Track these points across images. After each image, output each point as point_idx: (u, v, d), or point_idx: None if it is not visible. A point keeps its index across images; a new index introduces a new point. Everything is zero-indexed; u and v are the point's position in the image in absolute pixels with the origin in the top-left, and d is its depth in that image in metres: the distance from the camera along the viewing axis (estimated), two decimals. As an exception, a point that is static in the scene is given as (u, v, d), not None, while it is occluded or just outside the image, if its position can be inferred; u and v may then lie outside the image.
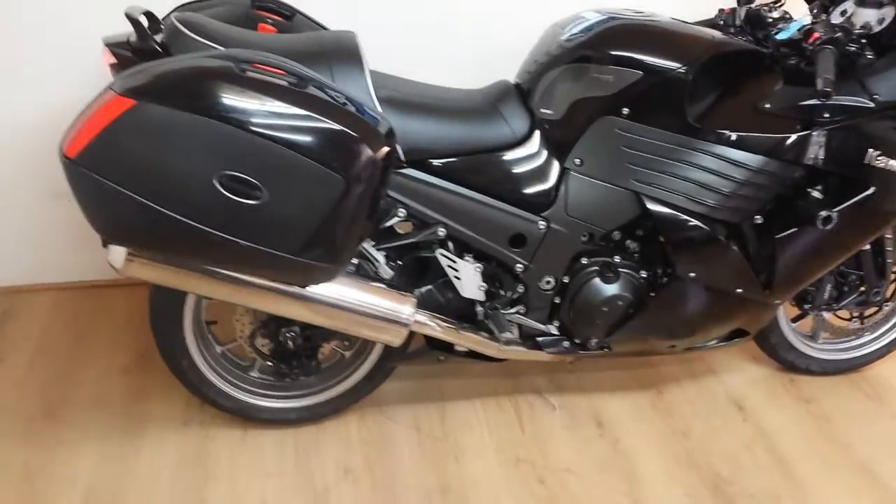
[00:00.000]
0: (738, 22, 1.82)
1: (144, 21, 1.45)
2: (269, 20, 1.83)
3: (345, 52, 1.51)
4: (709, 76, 1.59)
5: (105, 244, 1.59)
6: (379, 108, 1.50)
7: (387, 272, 1.64)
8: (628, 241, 1.76)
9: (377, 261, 1.63)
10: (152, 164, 1.19)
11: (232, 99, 1.19)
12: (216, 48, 1.43)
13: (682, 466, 1.84)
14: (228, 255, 1.29)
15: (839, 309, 2.03)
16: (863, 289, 1.98)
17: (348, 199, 1.28)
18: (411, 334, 1.69)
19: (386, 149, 1.31)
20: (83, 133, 1.16)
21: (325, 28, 1.95)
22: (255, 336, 1.74)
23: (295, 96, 1.23)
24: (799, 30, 1.66)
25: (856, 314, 2.10)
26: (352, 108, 1.31)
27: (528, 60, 1.74)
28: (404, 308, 1.59)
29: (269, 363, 1.76)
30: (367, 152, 1.27)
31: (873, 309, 2.07)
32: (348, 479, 1.76)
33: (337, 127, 1.25)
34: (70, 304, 2.29)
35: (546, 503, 1.73)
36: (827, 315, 2.08)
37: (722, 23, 1.84)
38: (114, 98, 1.16)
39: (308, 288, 1.49)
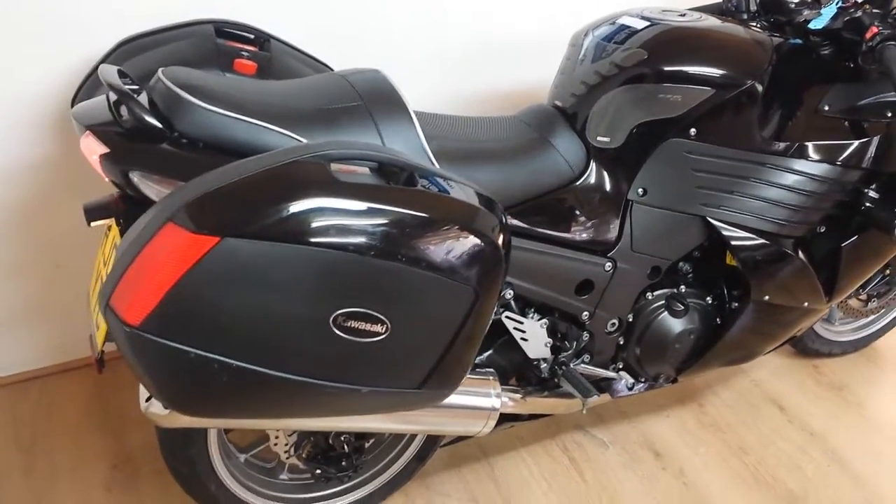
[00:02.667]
0: (752, 7, 1.67)
1: (128, 85, 1.11)
2: (244, 52, 1.50)
3: (386, 101, 1.23)
4: (771, 84, 1.45)
5: (100, 367, 1.25)
6: (436, 165, 1.24)
7: None
8: (681, 264, 1.62)
9: None
10: (249, 317, 0.89)
11: (341, 216, 0.90)
12: (228, 115, 1.11)
13: (752, 488, 1.76)
14: (339, 406, 1.02)
15: (864, 293, 2.00)
16: (888, 272, 1.96)
17: (479, 309, 1.03)
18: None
19: (504, 234, 1.07)
20: (147, 287, 0.84)
21: (306, 54, 1.64)
22: (301, 448, 1.45)
23: (407, 199, 0.96)
24: (833, 17, 1.54)
25: (874, 294, 2.08)
26: (460, 194, 1.05)
27: (567, 78, 1.51)
28: (490, 391, 1.37)
29: (317, 471, 1.48)
30: (490, 247, 1.02)
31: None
32: (420, 579, 1.54)
33: (457, 227, 0.99)
34: (7, 405, 1.87)
35: (639, 562, 1.59)
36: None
37: (733, 8, 1.69)
38: (185, 235, 0.84)
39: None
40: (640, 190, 1.45)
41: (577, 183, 1.43)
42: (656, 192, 1.46)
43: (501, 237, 1.05)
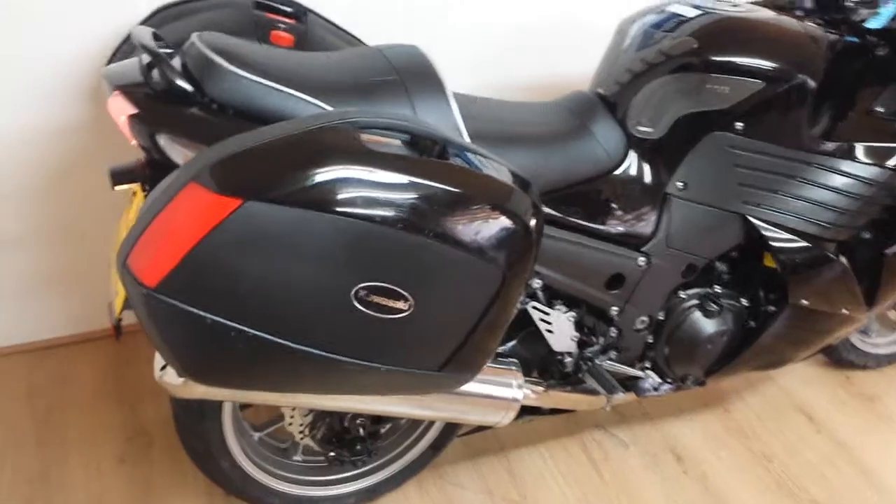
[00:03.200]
0: (808, 3, 1.61)
1: (161, 48, 1.08)
2: (280, 25, 1.47)
3: (422, 76, 1.19)
4: (824, 81, 1.38)
5: (117, 334, 1.23)
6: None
7: None
8: (717, 263, 1.56)
9: None
10: (268, 285, 0.85)
11: (368, 186, 0.86)
12: (260, 82, 1.07)
13: (776, 496, 1.70)
14: (356, 384, 0.98)
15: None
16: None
17: (506, 293, 0.99)
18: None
19: (537, 218, 1.02)
20: (166, 248, 0.81)
21: (341, 29, 1.60)
22: (316, 428, 1.42)
23: (439, 172, 0.92)
24: (892, 18, 1.48)
25: (912, 306, 2.01)
26: (494, 172, 1.00)
27: (611, 66, 1.46)
28: (512, 382, 1.33)
29: (331, 453, 1.44)
30: (521, 229, 0.98)
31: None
32: (430, 571, 1.51)
33: (489, 206, 0.94)
34: (23, 373, 1.85)
35: (656, 567, 1.55)
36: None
37: (788, 3, 1.62)
38: (208, 196, 0.80)
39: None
40: (679, 183, 1.40)
41: (615, 173, 1.38)
42: (696, 186, 1.41)
43: (534, 220, 1.00)
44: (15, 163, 1.70)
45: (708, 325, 1.53)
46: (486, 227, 0.94)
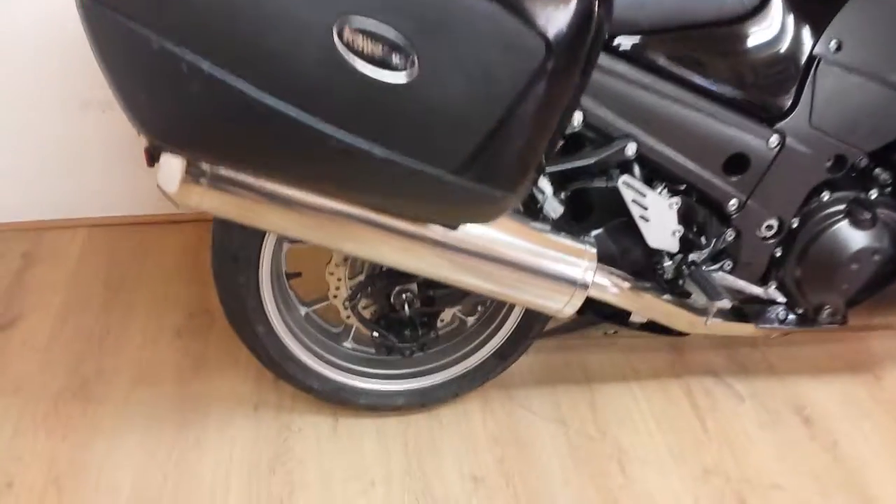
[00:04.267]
0: None
1: None
2: None
3: None
4: None
5: (152, 160, 1.11)
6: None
7: (555, 209, 1.12)
8: (878, 170, 1.23)
9: (542, 192, 1.12)
10: (227, 3, 0.68)
11: None
12: None
13: (931, 484, 1.33)
14: (345, 171, 0.80)
15: None
16: None
17: (550, 76, 0.76)
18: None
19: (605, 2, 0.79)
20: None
21: None
22: (357, 298, 1.26)
23: None
24: None
25: None
26: None
27: None
28: (580, 262, 1.09)
29: (374, 333, 1.27)
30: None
31: None
32: (478, 492, 1.29)
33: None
34: (106, 246, 1.82)
35: (757, 535, 1.24)
36: None
37: None
38: None
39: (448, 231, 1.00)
40: (833, 43, 1.10)
41: (748, 20, 1.10)
42: (856, 48, 1.10)
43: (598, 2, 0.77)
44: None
45: (857, 239, 1.21)
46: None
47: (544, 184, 1.10)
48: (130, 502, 1.24)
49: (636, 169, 1.15)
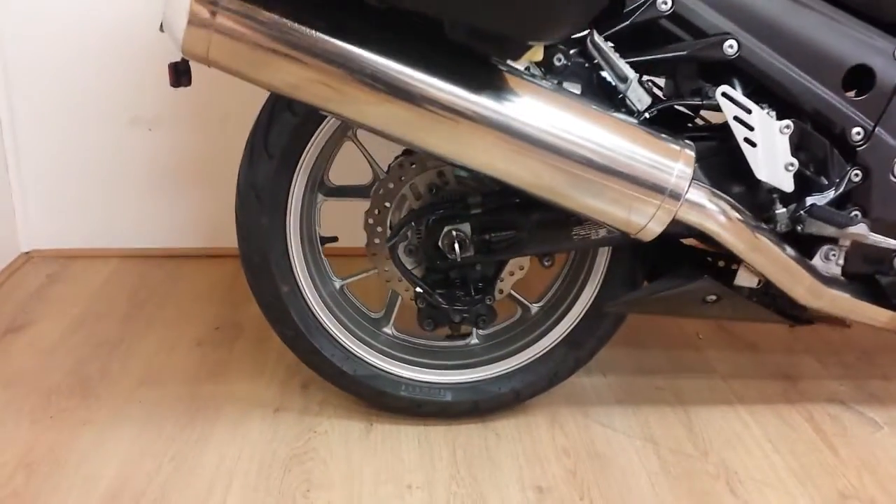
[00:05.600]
0: None
1: None
2: None
3: None
4: None
5: (177, 78, 0.99)
6: None
7: (640, 98, 0.92)
8: None
9: (626, 77, 0.92)
10: None
11: None
12: None
13: None
14: None
15: None
16: None
17: None
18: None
19: None
20: None
21: None
22: (399, 234, 1.05)
23: None
24: None
25: None
26: None
27: None
28: (673, 165, 0.88)
29: (417, 289, 1.05)
30: None
31: None
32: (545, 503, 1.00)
33: None
34: (134, 272, 1.67)
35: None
36: None
37: None
38: None
39: (505, 105, 0.82)
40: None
41: None
42: None
43: None
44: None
45: None
46: None
47: (626, 69, 0.92)
48: (110, 491, 1.00)
49: (736, 82, 0.96)
